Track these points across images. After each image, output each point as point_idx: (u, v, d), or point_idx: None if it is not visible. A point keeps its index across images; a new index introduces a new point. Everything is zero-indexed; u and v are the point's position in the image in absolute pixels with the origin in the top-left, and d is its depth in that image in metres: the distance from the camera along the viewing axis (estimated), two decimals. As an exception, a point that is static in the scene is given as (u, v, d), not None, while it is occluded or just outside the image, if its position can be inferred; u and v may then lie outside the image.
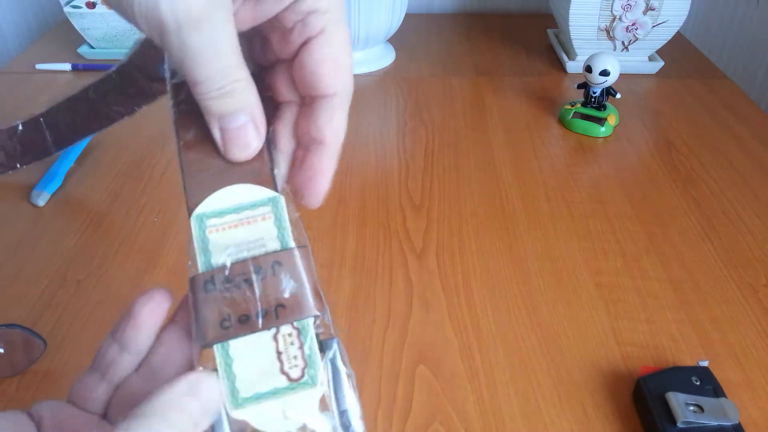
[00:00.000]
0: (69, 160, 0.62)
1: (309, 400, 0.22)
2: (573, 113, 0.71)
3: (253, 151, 0.23)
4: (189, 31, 0.20)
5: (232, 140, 0.23)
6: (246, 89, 0.22)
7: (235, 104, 0.22)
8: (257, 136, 0.23)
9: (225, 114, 0.22)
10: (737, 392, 0.41)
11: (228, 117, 0.22)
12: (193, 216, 0.23)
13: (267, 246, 0.23)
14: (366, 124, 0.72)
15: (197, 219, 0.23)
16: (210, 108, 0.22)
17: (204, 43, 0.21)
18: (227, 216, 0.23)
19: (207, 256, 0.23)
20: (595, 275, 0.51)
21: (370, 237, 0.54)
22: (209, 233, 0.23)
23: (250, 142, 0.23)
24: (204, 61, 0.21)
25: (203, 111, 0.23)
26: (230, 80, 0.22)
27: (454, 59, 0.89)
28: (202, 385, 0.21)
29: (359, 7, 0.77)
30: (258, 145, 0.23)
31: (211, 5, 0.20)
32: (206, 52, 0.21)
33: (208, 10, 0.20)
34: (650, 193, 0.60)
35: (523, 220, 0.56)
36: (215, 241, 0.23)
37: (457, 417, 0.40)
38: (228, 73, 0.22)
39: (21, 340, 0.41)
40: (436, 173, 0.63)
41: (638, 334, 0.45)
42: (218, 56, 0.21)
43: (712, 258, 0.52)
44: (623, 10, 0.78)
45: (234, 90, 0.22)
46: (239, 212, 0.23)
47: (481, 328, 0.46)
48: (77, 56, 0.86)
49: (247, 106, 0.23)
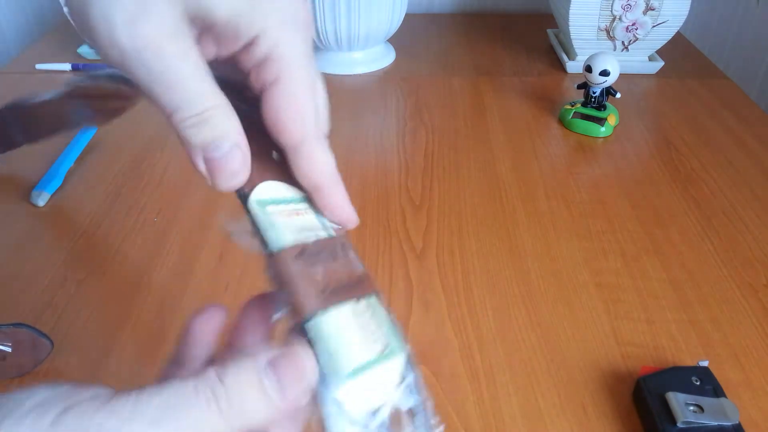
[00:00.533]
0: (69, 160, 0.62)
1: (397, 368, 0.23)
2: (573, 113, 0.71)
3: (242, 179, 0.23)
4: (149, 58, 0.20)
5: (217, 170, 0.22)
6: (223, 115, 0.22)
7: (215, 132, 0.22)
8: (244, 162, 0.22)
9: (206, 143, 0.22)
10: (737, 392, 0.41)
11: (209, 146, 0.22)
12: (253, 200, 0.24)
13: (318, 234, 0.24)
14: (366, 124, 0.72)
15: (258, 203, 0.24)
16: (189, 138, 0.22)
17: (167, 68, 0.20)
18: (281, 205, 0.24)
19: (277, 235, 0.23)
20: (595, 275, 0.51)
21: (370, 237, 0.54)
22: (272, 217, 0.23)
23: (238, 169, 0.22)
24: (171, 87, 0.21)
25: (184, 143, 0.22)
26: (203, 107, 0.21)
27: (454, 59, 0.89)
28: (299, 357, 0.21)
29: (359, 7, 0.77)
30: (246, 171, 0.23)
31: (167, 32, 0.20)
32: (171, 77, 0.20)
33: (166, 37, 0.20)
34: (650, 193, 0.60)
35: (523, 220, 0.56)
36: (280, 223, 0.23)
37: (457, 417, 0.40)
38: (200, 100, 0.21)
39: (28, 339, 0.41)
40: (436, 173, 0.63)
41: (638, 334, 0.45)
42: (184, 82, 0.21)
43: (712, 258, 0.52)
44: (623, 10, 0.78)
45: (210, 117, 0.21)
46: (288, 204, 0.24)
47: (481, 328, 0.46)
48: (77, 56, 0.86)
49: (228, 132, 0.22)
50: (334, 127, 0.80)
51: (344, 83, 0.82)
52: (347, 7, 0.76)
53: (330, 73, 0.84)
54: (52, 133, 0.46)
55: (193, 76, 0.21)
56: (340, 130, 0.71)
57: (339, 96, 0.78)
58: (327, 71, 0.84)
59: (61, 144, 0.65)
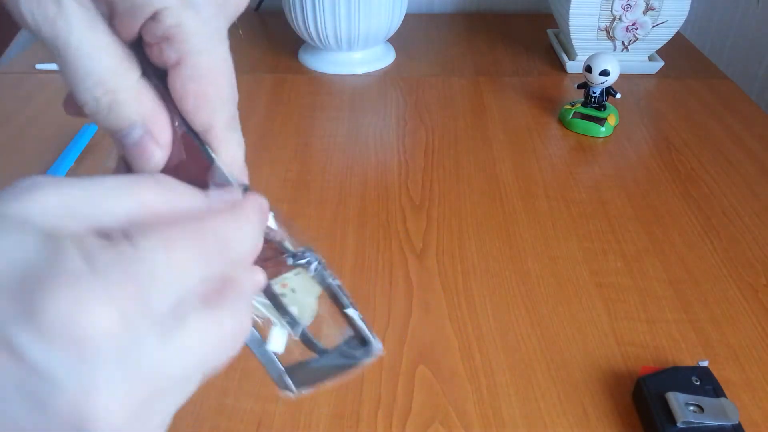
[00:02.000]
0: (69, 160, 0.62)
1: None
2: (573, 113, 0.71)
3: (158, 162, 0.22)
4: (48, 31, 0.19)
5: (133, 156, 0.21)
6: (130, 99, 0.20)
7: (122, 119, 0.21)
8: (158, 148, 0.21)
9: (117, 130, 0.21)
10: (737, 392, 0.41)
11: (121, 132, 0.21)
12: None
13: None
14: (366, 124, 0.72)
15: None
16: (102, 125, 0.21)
17: (64, 43, 0.19)
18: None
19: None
20: (595, 275, 0.51)
21: (370, 237, 0.54)
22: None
23: (152, 154, 0.21)
24: (70, 64, 0.20)
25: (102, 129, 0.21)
26: (105, 89, 0.20)
27: (454, 59, 0.89)
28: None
29: (359, 7, 0.77)
30: (161, 155, 0.22)
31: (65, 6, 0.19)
32: (69, 54, 0.19)
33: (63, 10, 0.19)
34: (650, 193, 0.60)
35: (523, 220, 0.56)
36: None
37: (457, 417, 0.40)
38: (102, 81, 0.20)
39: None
40: (436, 173, 0.63)
41: (638, 334, 0.45)
42: (83, 59, 0.20)
43: (712, 258, 0.52)
44: (623, 10, 0.78)
45: (114, 102, 0.20)
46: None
47: (481, 328, 0.46)
48: (77, 56, 0.86)
49: (137, 118, 0.21)
50: (335, 127, 0.80)
51: (344, 83, 0.82)
52: (347, 7, 0.76)
53: (330, 73, 0.84)
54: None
55: (90, 56, 0.20)
56: (340, 130, 0.71)
57: (339, 96, 0.78)
58: (327, 71, 0.84)
59: (61, 144, 0.65)
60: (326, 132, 0.70)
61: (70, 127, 0.68)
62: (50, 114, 0.73)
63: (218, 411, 0.40)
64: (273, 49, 0.91)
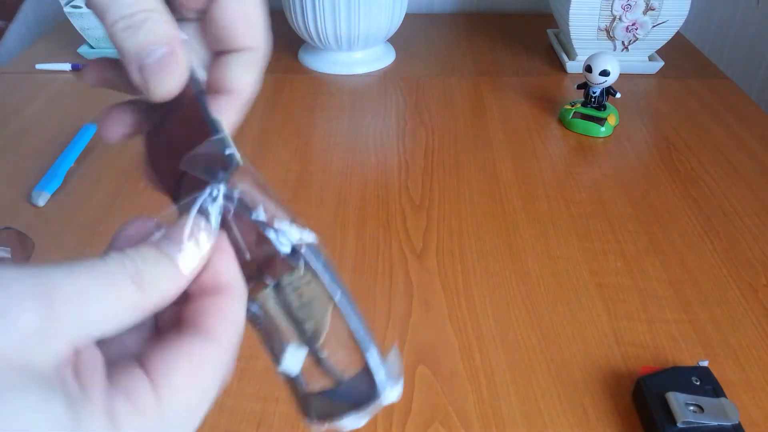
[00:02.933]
0: (69, 160, 0.62)
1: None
2: (573, 113, 0.71)
3: (176, 83, 0.22)
4: None
5: (152, 74, 0.21)
6: (159, 20, 0.21)
7: (149, 37, 0.21)
8: (179, 66, 0.21)
9: (141, 49, 0.21)
10: (737, 392, 0.41)
11: (143, 51, 0.21)
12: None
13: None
14: (366, 124, 0.72)
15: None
16: (123, 45, 0.21)
17: None
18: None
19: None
20: (595, 275, 0.51)
21: (370, 237, 0.54)
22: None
23: (173, 70, 0.21)
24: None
25: (120, 54, 0.21)
26: (138, 8, 0.20)
27: (454, 59, 0.89)
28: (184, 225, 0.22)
29: (359, 7, 0.77)
30: (181, 75, 0.22)
31: None
32: None
33: None
34: (650, 193, 0.60)
35: (523, 220, 0.56)
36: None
37: (457, 417, 0.40)
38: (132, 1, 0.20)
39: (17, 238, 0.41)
40: (436, 173, 0.63)
41: (638, 334, 0.45)
42: None
43: (712, 258, 0.52)
44: (623, 10, 0.78)
45: (145, 20, 0.20)
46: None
47: (481, 328, 0.46)
48: (77, 56, 0.86)
49: (164, 37, 0.21)
50: (335, 127, 0.80)
51: (344, 83, 0.82)
52: (347, 7, 0.76)
53: (330, 73, 0.84)
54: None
55: None
56: (340, 130, 0.71)
57: (339, 96, 0.78)
58: (327, 71, 0.84)
59: (61, 144, 0.65)
60: (326, 132, 0.70)
61: (70, 127, 0.68)
62: (50, 114, 0.73)
63: (218, 411, 0.40)
64: (273, 49, 0.91)
